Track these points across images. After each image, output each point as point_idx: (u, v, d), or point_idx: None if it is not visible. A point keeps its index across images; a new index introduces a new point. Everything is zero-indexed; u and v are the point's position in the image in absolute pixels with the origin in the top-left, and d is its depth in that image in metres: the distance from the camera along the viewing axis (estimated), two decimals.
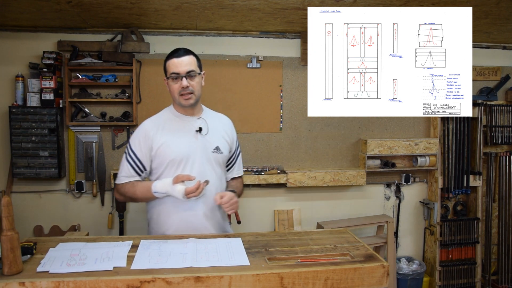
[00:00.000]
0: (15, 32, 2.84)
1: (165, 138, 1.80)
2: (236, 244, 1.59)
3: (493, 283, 3.44)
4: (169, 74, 1.77)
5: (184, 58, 1.76)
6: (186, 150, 1.79)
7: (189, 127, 1.83)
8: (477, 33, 2.95)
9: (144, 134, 1.81)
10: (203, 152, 1.82)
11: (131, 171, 1.82)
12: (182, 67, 1.74)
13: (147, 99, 2.98)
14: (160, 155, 1.80)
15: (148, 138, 1.80)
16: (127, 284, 1.25)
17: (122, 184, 1.84)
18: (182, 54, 1.77)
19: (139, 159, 1.81)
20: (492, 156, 3.43)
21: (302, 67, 3.14)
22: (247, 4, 2.32)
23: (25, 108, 2.77)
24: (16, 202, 2.90)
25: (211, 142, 1.85)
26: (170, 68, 1.77)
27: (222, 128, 1.92)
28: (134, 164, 1.82)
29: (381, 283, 1.41)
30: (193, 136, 1.82)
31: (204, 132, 1.84)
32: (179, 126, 1.83)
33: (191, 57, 1.78)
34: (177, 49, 1.81)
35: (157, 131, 1.81)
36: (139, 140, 1.81)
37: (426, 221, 3.43)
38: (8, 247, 1.25)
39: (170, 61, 1.77)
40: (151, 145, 1.80)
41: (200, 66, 1.84)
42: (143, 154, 1.81)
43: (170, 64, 1.77)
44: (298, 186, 3.09)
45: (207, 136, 1.84)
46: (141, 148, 1.81)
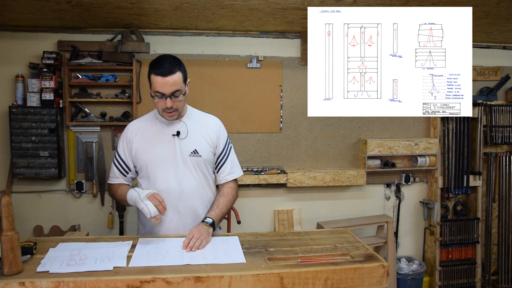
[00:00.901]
0: (15, 32, 2.84)
1: (143, 142, 1.85)
2: (233, 243, 1.60)
3: (493, 283, 3.44)
4: (154, 92, 1.73)
5: (170, 78, 1.68)
6: (161, 155, 1.82)
7: (167, 131, 1.85)
8: (477, 33, 2.95)
9: (126, 136, 1.89)
10: (180, 156, 1.82)
11: (116, 172, 1.92)
12: (167, 87, 1.69)
13: (147, 99, 2.98)
14: (137, 158, 1.86)
15: (129, 141, 1.87)
16: (127, 284, 1.25)
17: (110, 185, 1.96)
18: (167, 72, 1.69)
19: (123, 160, 1.89)
20: (492, 156, 3.43)
21: (302, 67, 3.14)
22: (247, 4, 2.32)
23: (25, 108, 2.77)
24: (16, 202, 2.90)
25: (188, 146, 1.83)
26: (154, 85, 1.71)
27: (204, 130, 1.89)
28: (119, 165, 1.90)
29: (381, 283, 1.41)
30: (169, 141, 1.83)
31: (183, 136, 1.84)
32: (158, 130, 1.86)
33: (177, 75, 1.71)
34: (162, 62, 1.72)
35: (136, 135, 1.87)
36: (123, 142, 1.89)
37: (426, 221, 3.43)
38: (8, 247, 1.25)
39: (155, 77, 1.70)
40: (131, 147, 1.87)
41: (185, 78, 1.77)
42: (126, 155, 1.89)
43: (154, 82, 1.71)
44: (298, 186, 3.08)
45: (185, 139, 1.84)
46: (124, 150, 1.89)
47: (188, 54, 3.00)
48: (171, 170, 1.82)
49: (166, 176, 1.81)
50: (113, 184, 1.93)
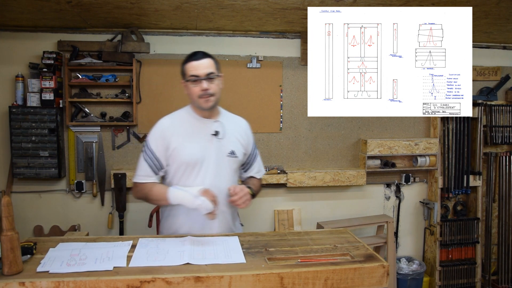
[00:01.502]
0: (15, 32, 2.84)
1: (181, 140, 1.77)
2: (233, 243, 1.60)
3: (493, 283, 3.44)
4: (188, 77, 1.75)
5: (204, 61, 1.74)
6: (200, 154, 1.77)
7: (205, 130, 1.81)
8: (477, 33, 2.95)
9: (161, 132, 1.79)
10: (218, 156, 1.80)
11: (148, 171, 1.79)
12: (202, 69, 1.73)
13: (147, 99, 2.98)
14: (174, 157, 1.77)
15: (165, 138, 1.78)
16: (127, 284, 1.25)
17: (139, 184, 1.82)
18: (201, 56, 1.75)
19: (156, 158, 1.79)
20: (492, 156, 3.43)
21: (302, 67, 3.14)
22: (247, 4, 2.32)
23: (25, 108, 2.77)
24: (16, 202, 2.90)
25: (226, 146, 1.83)
26: (189, 70, 1.75)
27: (238, 132, 1.90)
28: (152, 162, 1.79)
29: (381, 283, 1.41)
30: (209, 140, 1.80)
31: (220, 136, 1.82)
32: (196, 128, 1.81)
33: (210, 60, 1.77)
34: (195, 52, 1.79)
35: (174, 132, 1.79)
36: (156, 138, 1.79)
37: (426, 221, 3.43)
38: (8, 247, 1.25)
39: (189, 64, 1.75)
40: (167, 145, 1.78)
41: (218, 68, 1.82)
42: (160, 152, 1.78)
43: (189, 67, 1.75)
44: (298, 186, 3.08)
45: (223, 140, 1.83)
46: (157, 146, 1.78)
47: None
48: (209, 170, 1.78)
49: (206, 176, 1.77)
50: (145, 184, 1.80)
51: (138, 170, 1.82)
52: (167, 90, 2.99)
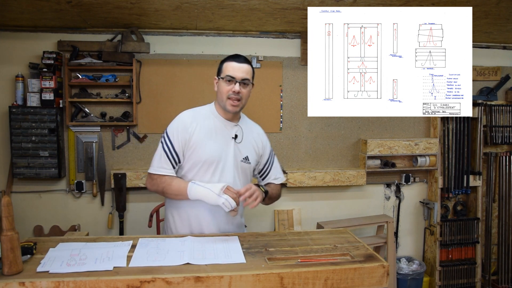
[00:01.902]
0: (15, 32, 2.84)
1: (202, 137, 1.76)
2: (233, 243, 1.60)
3: (493, 283, 3.44)
4: (225, 75, 1.76)
5: (244, 65, 1.78)
6: (219, 154, 1.77)
7: (226, 132, 1.82)
8: (477, 33, 2.95)
9: (183, 125, 1.76)
10: (234, 159, 1.81)
11: (167, 162, 1.75)
12: (240, 72, 1.76)
13: (147, 99, 2.98)
14: (193, 153, 1.75)
15: (187, 132, 1.75)
16: (127, 284, 1.25)
17: (157, 176, 1.77)
18: (242, 60, 1.79)
19: (175, 151, 1.75)
20: (492, 156, 3.43)
21: (302, 67, 3.14)
22: (247, 4, 2.32)
23: (25, 108, 2.77)
24: (16, 202, 2.90)
25: (242, 151, 1.84)
26: (227, 69, 1.77)
27: (253, 138, 1.92)
28: (171, 155, 1.75)
29: (381, 283, 1.41)
30: (228, 142, 1.81)
31: (239, 140, 1.84)
32: (217, 128, 1.81)
33: (249, 67, 1.81)
34: (238, 55, 1.82)
35: (196, 127, 1.76)
36: (178, 131, 1.76)
37: (426, 221, 3.43)
38: (8, 247, 1.25)
39: (229, 63, 1.77)
40: (188, 140, 1.75)
41: (253, 77, 1.85)
42: (179, 146, 1.75)
43: (228, 66, 1.77)
44: (298, 186, 3.08)
45: (240, 144, 1.84)
46: (178, 139, 1.75)
47: (188, 54, 3.00)
48: (225, 171, 1.78)
49: (222, 176, 1.77)
50: (163, 176, 1.75)
51: (156, 161, 1.77)
52: (167, 90, 2.99)
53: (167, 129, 1.80)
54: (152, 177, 1.79)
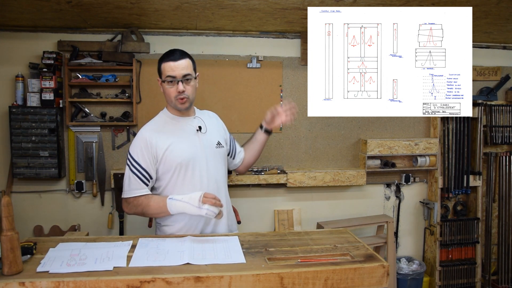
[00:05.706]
0: (15, 32, 2.84)
1: (169, 143, 1.77)
2: (233, 243, 1.60)
3: (493, 283, 3.44)
4: (165, 77, 1.75)
5: (181, 62, 1.73)
6: (191, 151, 1.78)
7: (188, 128, 1.83)
8: (477, 33, 2.95)
9: (145, 142, 1.76)
10: (207, 149, 1.83)
11: (139, 183, 1.76)
12: (179, 70, 1.72)
13: (147, 99, 2.98)
14: (166, 160, 1.76)
15: (151, 146, 1.75)
16: (127, 284, 1.25)
17: (133, 199, 1.77)
18: (178, 57, 1.74)
19: (144, 169, 1.76)
20: (492, 156, 3.43)
21: (302, 67, 3.14)
22: (247, 4, 2.32)
23: (25, 108, 2.77)
24: (16, 202, 2.90)
25: (211, 139, 1.87)
26: (166, 71, 1.74)
27: (213, 124, 1.96)
28: (141, 174, 1.75)
29: (381, 283, 1.41)
30: (195, 136, 1.82)
31: (204, 130, 1.86)
32: (179, 128, 1.82)
33: (187, 61, 1.76)
34: (172, 51, 1.77)
35: (159, 137, 1.77)
36: (141, 149, 1.76)
37: (426, 221, 3.43)
38: (8, 247, 1.25)
39: (166, 63, 1.74)
40: (155, 153, 1.76)
41: (195, 68, 1.82)
42: (147, 163, 1.75)
43: (166, 67, 1.74)
44: (298, 186, 3.08)
45: (206, 134, 1.86)
46: (144, 157, 1.75)
47: None
48: (203, 164, 1.79)
49: (202, 172, 1.78)
50: (139, 198, 1.75)
51: (128, 185, 1.77)
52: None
53: (130, 151, 1.80)
54: (128, 201, 1.79)
